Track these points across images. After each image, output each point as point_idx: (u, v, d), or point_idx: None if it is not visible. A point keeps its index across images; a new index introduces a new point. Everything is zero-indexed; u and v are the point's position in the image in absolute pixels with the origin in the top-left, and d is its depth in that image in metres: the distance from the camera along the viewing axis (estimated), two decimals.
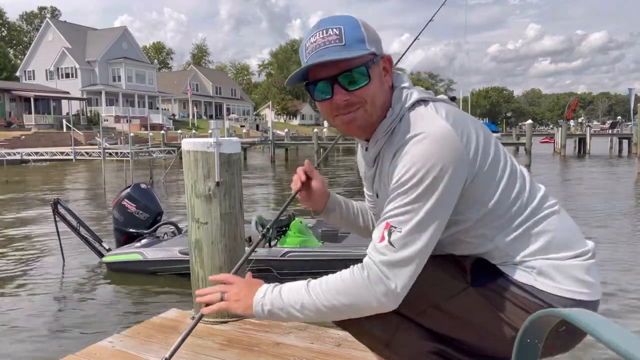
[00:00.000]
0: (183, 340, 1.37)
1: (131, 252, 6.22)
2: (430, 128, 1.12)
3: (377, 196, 1.34)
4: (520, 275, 1.17)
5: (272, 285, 1.26)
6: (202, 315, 1.36)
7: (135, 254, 6.17)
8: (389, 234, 1.12)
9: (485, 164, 1.16)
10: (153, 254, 6.10)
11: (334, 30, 1.16)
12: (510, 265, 1.19)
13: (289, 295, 1.20)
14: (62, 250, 6.84)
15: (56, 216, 6.54)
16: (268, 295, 1.22)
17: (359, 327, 1.23)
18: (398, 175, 1.13)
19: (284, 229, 6.02)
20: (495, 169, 1.18)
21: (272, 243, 5.79)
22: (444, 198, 1.11)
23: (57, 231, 6.65)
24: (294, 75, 1.22)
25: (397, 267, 1.11)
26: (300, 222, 6.03)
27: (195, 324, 1.41)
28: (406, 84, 1.24)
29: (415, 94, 1.21)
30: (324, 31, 1.17)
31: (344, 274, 1.16)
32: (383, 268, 1.12)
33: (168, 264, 5.97)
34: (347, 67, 1.15)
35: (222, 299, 1.27)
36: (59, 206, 6.54)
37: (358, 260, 4.35)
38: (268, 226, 2.03)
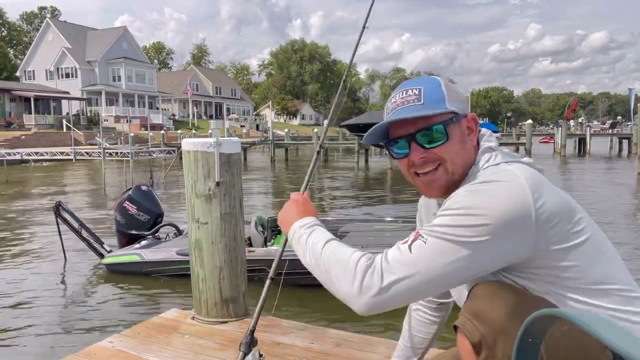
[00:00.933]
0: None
1: (130, 253, 6.25)
2: (504, 179, 1.09)
3: None
4: None
5: (311, 222, 1.29)
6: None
7: (133, 255, 6.19)
8: (413, 240, 1.09)
9: (559, 232, 1.07)
10: (151, 255, 6.11)
11: (414, 90, 1.19)
12: None
13: (312, 242, 1.22)
14: (64, 252, 6.87)
15: (58, 219, 6.58)
16: (302, 230, 1.27)
17: None
18: (452, 201, 1.09)
19: (279, 228, 6.00)
20: (572, 240, 1.08)
21: (269, 244, 5.78)
22: (491, 248, 1.04)
23: (60, 233, 6.69)
24: (372, 132, 1.24)
25: (398, 269, 1.06)
26: None
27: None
28: (492, 144, 1.23)
29: (500, 156, 1.19)
30: (404, 92, 1.21)
31: (356, 253, 1.13)
32: (386, 262, 1.08)
33: (166, 265, 5.98)
34: (425, 125, 1.17)
35: None
36: (60, 209, 6.59)
37: None
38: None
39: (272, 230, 5.97)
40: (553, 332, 1.02)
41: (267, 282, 1.44)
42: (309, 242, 1.23)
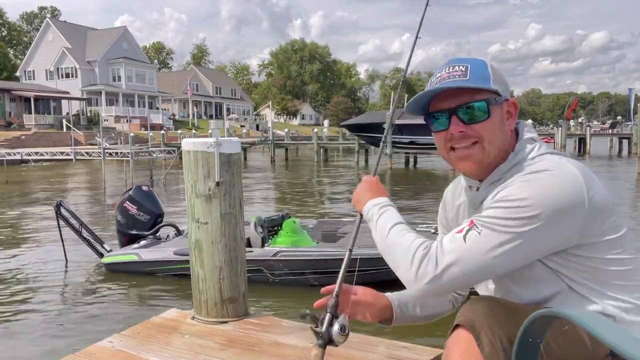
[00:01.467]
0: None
1: (128, 253, 6.30)
2: (557, 169, 1.11)
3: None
4: None
5: (383, 202, 1.34)
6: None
7: (131, 255, 6.23)
8: (468, 230, 1.12)
9: (604, 224, 1.11)
10: (149, 255, 6.15)
11: (461, 67, 1.20)
12: None
13: (382, 223, 1.28)
14: (64, 251, 6.89)
15: (59, 218, 6.62)
16: (375, 210, 1.33)
17: None
18: (506, 192, 1.11)
19: (276, 228, 5.97)
20: (614, 232, 1.12)
21: (266, 244, 5.77)
22: (542, 236, 1.07)
23: (60, 233, 6.72)
24: (413, 102, 1.25)
25: (452, 257, 1.10)
26: (294, 221, 5.97)
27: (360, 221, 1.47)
28: (534, 135, 1.24)
29: (544, 147, 1.20)
30: (451, 67, 1.21)
31: (416, 240, 1.17)
32: (441, 251, 1.12)
33: (163, 264, 6.01)
34: (468, 100, 1.18)
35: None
36: (61, 208, 6.63)
37: (368, 259, 4.32)
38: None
39: (269, 230, 5.96)
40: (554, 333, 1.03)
41: (347, 253, 1.45)
42: (379, 223, 1.29)
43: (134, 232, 6.63)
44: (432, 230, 5.86)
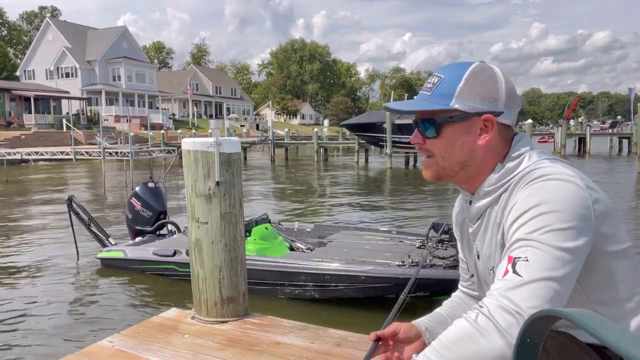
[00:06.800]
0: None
1: (117, 249, 6.40)
2: (559, 175, 1.06)
3: (478, 257, 1.25)
4: None
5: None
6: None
7: (119, 252, 6.32)
8: (513, 266, 0.99)
9: (608, 232, 1.07)
10: (133, 253, 6.22)
11: (435, 79, 1.22)
12: None
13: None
14: (76, 245, 7.02)
15: (70, 212, 6.80)
16: None
17: None
18: (522, 208, 1.05)
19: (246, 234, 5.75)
20: (620, 243, 1.09)
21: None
22: (576, 235, 1.00)
23: (72, 226, 6.92)
24: (403, 107, 1.29)
25: (525, 290, 0.96)
26: (266, 227, 5.71)
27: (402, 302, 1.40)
28: (526, 148, 1.19)
29: (535, 155, 1.16)
30: (432, 77, 1.23)
31: (457, 321, 1.01)
32: (506, 294, 0.96)
33: (144, 263, 6.08)
34: (425, 116, 1.22)
35: None
36: (72, 203, 6.79)
37: (312, 274, 4.41)
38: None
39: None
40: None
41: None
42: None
43: (138, 227, 6.82)
44: (418, 244, 5.62)
